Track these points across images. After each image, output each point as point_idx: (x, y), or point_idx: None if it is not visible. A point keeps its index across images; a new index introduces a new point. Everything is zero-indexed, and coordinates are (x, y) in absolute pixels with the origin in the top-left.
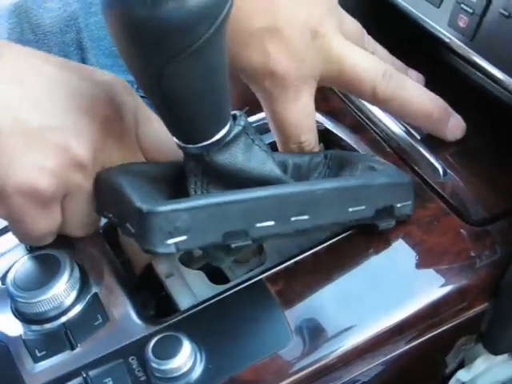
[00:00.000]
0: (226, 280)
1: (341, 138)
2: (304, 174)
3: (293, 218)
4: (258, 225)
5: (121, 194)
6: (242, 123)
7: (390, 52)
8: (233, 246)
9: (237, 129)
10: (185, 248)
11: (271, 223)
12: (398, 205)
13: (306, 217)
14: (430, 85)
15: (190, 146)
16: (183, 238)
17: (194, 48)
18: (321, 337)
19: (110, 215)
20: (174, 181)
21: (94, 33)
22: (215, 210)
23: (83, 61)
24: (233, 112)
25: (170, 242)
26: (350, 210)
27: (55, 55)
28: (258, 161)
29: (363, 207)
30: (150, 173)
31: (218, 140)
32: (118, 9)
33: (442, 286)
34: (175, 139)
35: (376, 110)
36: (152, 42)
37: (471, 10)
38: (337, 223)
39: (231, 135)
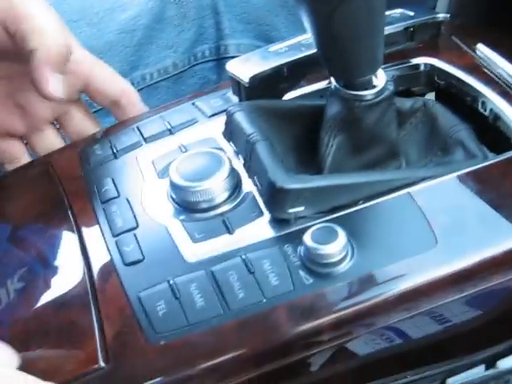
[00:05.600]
0: None
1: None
2: (401, 119)
3: None
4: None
5: (256, 153)
6: (391, 88)
7: None
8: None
9: (387, 91)
10: (300, 216)
11: None
12: None
13: None
14: None
15: (350, 91)
16: (301, 208)
17: None
18: (463, 243)
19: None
20: (304, 122)
21: None
22: (330, 190)
23: (217, 24)
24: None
25: (290, 211)
26: None
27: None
28: (387, 122)
29: None
30: (282, 110)
31: (373, 94)
32: None
33: None
34: (334, 83)
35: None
36: None
37: None
38: None
39: (383, 95)
